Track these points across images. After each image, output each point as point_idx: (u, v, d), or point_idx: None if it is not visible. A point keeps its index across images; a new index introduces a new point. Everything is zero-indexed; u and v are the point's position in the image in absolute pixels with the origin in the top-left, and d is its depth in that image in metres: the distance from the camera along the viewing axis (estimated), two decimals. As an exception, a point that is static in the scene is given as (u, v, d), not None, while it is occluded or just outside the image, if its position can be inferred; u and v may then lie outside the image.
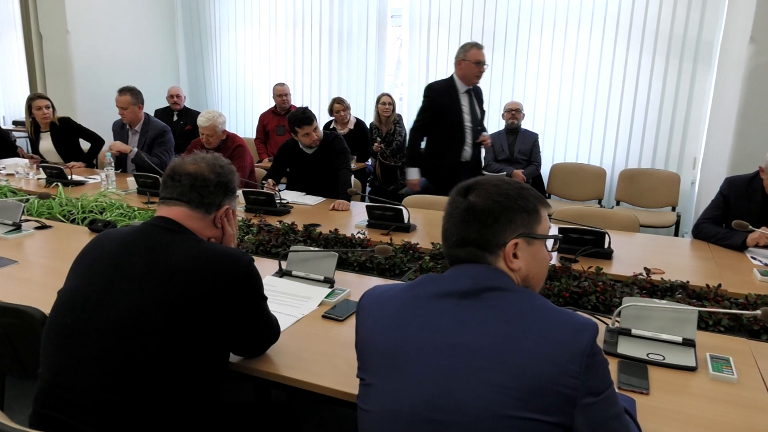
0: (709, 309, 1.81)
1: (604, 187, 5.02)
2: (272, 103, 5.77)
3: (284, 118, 5.31)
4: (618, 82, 4.96)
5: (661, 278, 2.18)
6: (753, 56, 3.65)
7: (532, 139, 5.05)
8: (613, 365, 1.57)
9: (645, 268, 2.23)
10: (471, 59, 3.79)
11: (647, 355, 1.61)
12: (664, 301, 1.72)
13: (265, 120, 5.76)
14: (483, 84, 5.45)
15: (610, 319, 1.75)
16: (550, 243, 1.18)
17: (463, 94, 3.90)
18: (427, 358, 1.02)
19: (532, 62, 5.23)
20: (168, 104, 5.80)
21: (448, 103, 3.86)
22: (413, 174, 4.01)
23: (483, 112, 4.13)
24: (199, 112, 4.59)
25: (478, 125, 4.02)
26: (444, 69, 5.57)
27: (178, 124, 5.70)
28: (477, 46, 3.81)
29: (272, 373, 1.55)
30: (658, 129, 4.91)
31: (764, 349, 1.72)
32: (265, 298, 1.48)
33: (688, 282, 2.14)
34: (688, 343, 1.64)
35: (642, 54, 4.81)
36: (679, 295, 2.01)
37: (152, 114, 5.20)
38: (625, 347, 1.65)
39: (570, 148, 5.28)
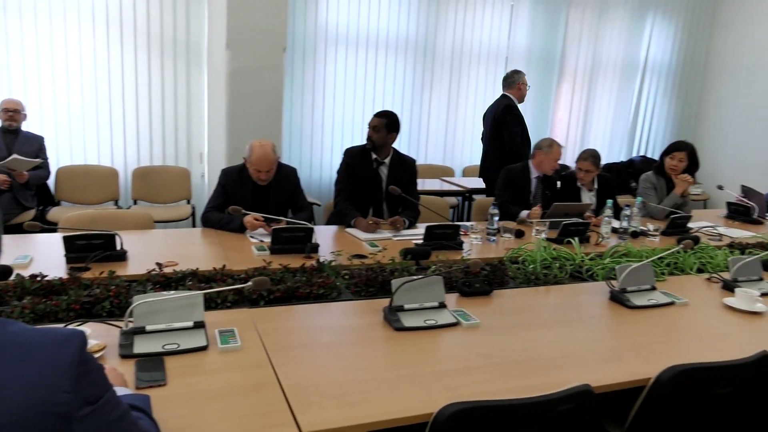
0: (214, 289, 2.00)
1: (119, 188, 4.90)
2: None
3: None
4: (118, 81, 4.85)
5: (174, 270, 2.28)
6: (231, 61, 4.16)
7: (38, 142, 4.45)
8: (130, 367, 1.56)
9: (157, 263, 2.29)
10: (525, 83, 5.08)
11: (163, 347, 1.67)
12: (173, 292, 1.80)
13: None
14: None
15: (124, 321, 1.73)
16: None
17: None
18: None
19: (15, 55, 4.57)
20: None
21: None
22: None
23: None
24: None
25: None
26: None
27: None
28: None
29: None
30: (164, 127, 5.07)
31: (261, 313, 2.02)
32: None
33: (197, 269, 2.30)
34: (199, 325, 1.77)
35: (137, 53, 4.84)
36: (190, 282, 2.15)
37: None
38: (141, 346, 1.66)
39: (76, 150, 4.91)
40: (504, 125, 4.85)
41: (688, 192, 4.24)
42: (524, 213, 3.68)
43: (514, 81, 5.03)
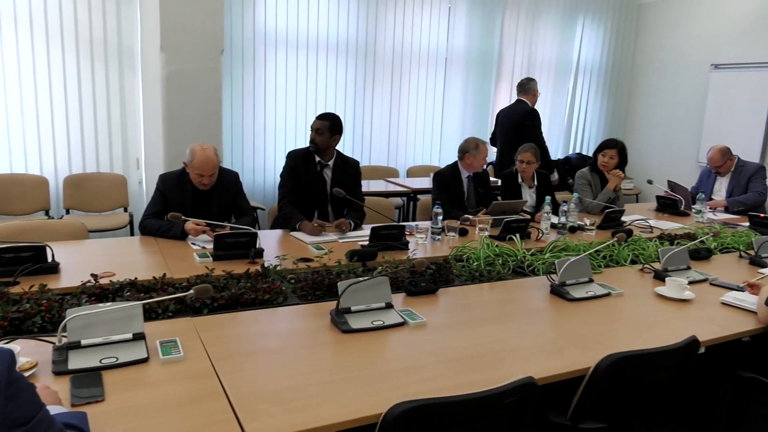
0: (154, 299, 1.93)
1: (49, 197, 4.67)
2: None
3: None
4: (45, 86, 4.61)
5: (111, 281, 2.19)
6: (166, 64, 4.05)
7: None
8: (65, 384, 1.49)
9: (92, 275, 2.20)
10: (537, 90, 5.54)
11: (100, 361, 1.60)
12: (109, 304, 1.73)
13: None
14: None
15: (57, 336, 1.65)
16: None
17: None
18: None
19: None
20: None
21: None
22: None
23: None
24: None
25: None
26: None
27: None
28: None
29: None
30: (97, 132, 4.87)
31: (204, 322, 1.97)
32: None
33: (136, 279, 2.23)
34: (138, 337, 1.71)
35: (65, 56, 4.62)
36: (128, 293, 2.08)
37: None
38: (76, 361, 1.59)
39: (1, 158, 4.64)
40: (529, 128, 5.29)
41: (620, 187, 4.43)
42: (466, 216, 3.74)
43: (529, 87, 5.51)
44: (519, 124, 5.33)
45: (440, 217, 3.30)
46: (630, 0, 7.39)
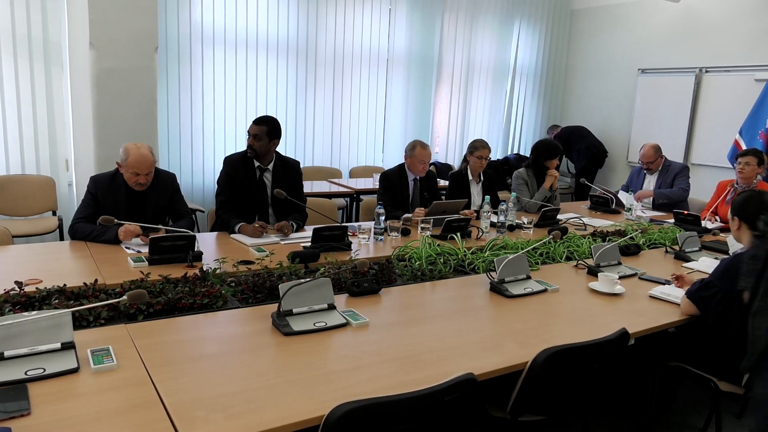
0: (84, 306, 1.85)
1: (-31, 201, 4.39)
2: None
3: None
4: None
5: (37, 288, 2.09)
6: (96, 62, 3.87)
7: None
8: (-14, 399, 1.41)
9: (16, 282, 2.08)
10: None
11: (26, 373, 1.52)
12: (35, 312, 1.64)
13: None
14: None
15: (-23, 349, 1.56)
16: None
17: None
18: None
19: None
20: None
21: None
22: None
23: None
24: None
25: None
26: None
27: None
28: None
29: None
30: (22, 133, 4.60)
31: (139, 328, 1.90)
32: None
33: (65, 285, 2.13)
34: (68, 346, 1.63)
35: (-15, 51, 4.36)
36: (56, 301, 1.98)
37: None
38: (-1, 374, 1.50)
39: None
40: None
41: (555, 185, 4.58)
42: (407, 215, 3.76)
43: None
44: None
45: (383, 218, 3.31)
46: (563, 6, 7.66)
